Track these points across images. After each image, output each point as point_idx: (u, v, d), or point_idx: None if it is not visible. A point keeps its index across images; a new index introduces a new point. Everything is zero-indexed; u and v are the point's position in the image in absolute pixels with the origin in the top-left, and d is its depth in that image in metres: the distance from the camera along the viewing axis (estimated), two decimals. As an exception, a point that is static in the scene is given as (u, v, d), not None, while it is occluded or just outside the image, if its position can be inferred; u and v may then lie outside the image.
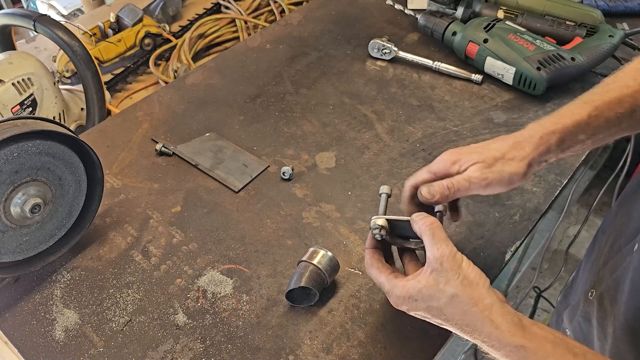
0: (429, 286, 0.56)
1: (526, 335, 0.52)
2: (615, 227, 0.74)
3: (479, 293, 0.54)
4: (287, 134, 0.99)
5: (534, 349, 0.51)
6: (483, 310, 0.53)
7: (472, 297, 0.54)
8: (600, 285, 0.68)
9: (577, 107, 0.64)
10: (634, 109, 0.63)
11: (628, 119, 0.64)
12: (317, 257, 0.72)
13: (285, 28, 1.25)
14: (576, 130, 0.64)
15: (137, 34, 1.34)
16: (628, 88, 0.64)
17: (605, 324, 0.65)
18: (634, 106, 0.63)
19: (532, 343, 0.51)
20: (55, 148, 0.70)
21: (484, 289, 0.55)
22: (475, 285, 0.55)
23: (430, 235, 0.58)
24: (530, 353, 0.51)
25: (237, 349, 0.69)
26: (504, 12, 1.16)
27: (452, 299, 0.55)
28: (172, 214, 0.85)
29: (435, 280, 0.56)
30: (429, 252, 0.57)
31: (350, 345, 0.69)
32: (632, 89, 0.63)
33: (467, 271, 0.56)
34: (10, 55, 1.05)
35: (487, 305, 0.54)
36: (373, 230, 0.64)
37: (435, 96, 1.06)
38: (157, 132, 0.99)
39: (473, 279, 0.55)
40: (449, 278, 0.55)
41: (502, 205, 0.85)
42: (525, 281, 2.00)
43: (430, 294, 0.56)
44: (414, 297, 0.57)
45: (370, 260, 0.64)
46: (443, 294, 0.55)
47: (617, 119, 0.63)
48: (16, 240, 0.71)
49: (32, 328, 0.71)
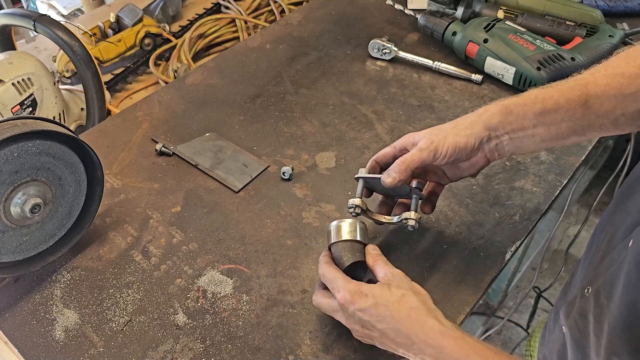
0: (382, 287, 0.62)
1: (445, 337, 0.57)
2: (613, 223, 0.74)
3: (426, 297, 0.62)
4: (287, 134, 0.99)
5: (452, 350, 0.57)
6: (429, 309, 0.60)
7: (419, 298, 0.61)
8: (597, 281, 0.68)
9: (527, 92, 0.67)
10: (585, 99, 0.63)
11: (581, 107, 0.63)
12: (342, 232, 0.69)
13: (285, 28, 1.25)
14: (523, 106, 0.65)
15: (137, 34, 1.34)
16: (582, 79, 0.65)
17: (601, 319, 0.66)
18: (585, 95, 0.63)
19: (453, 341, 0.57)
20: (55, 148, 0.70)
21: (430, 301, 0.61)
22: (424, 294, 0.62)
23: (382, 264, 0.65)
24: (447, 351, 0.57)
25: (237, 349, 0.69)
26: (504, 12, 1.16)
27: (402, 297, 0.60)
28: (172, 214, 0.85)
29: (388, 285, 0.62)
30: (380, 274, 0.64)
31: (350, 345, 0.69)
32: (585, 80, 0.64)
33: (416, 285, 0.63)
34: (10, 55, 1.05)
35: (433, 308, 0.61)
36: (349, 208, 0.72)
37: (435, 96, 1.06)
38: (157, 132, 0.99)
39: (421, 290, 0.62)
40: (399, 284, 0.62)
41: (502, 205, 0.85)
42: (525, 281, 2.00)
43: (381, 292, 0.61)
44: (365, 293, 0.61)
45: (327, 259, 0.67)
46: (393, 294, 0.60)
47: (570, 108, 0.64)
48: (16, 240, 0.71)
49: (32, 328, 0.71)
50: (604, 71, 0.64)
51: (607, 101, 0.63)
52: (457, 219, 0.83)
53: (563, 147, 0.94)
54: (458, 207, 0.85)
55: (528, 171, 0.90)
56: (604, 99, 0.63)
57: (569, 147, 0.94)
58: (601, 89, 0.63)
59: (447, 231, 0.82)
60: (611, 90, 0.62)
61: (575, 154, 0.93)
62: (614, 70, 0.63)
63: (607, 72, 0.64)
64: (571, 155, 0.93)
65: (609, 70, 0.64)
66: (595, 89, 0.63)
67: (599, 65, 0.66)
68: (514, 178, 0.89)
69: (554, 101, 0.64)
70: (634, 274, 0.59)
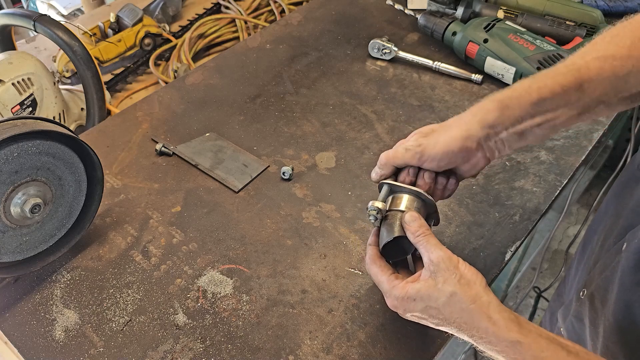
0: (428, 286, 0.58)
1: (522, 331, 0.53)
2: (605, 226, 0.74)
3: (476, 291, 0.56)
4: (287, 134, 0.99)
5: (529, 343, 0.52)
6: (481, 307, 0.55)
7: (469, 295, 0.56)
8: (591, 284, 0.68)
9: (519, 82, 0.65)
10: (579, 83, 0.62)
11: (576, 92, 0.62)
12: (401, 202, 0.65)
13: (285, 28, 1.25)
14: (519, 98, 0.63)
15: (137, 34, 1.34)
16: (573, 64, 0.63)
17: (597, 323, 0.66)
18: (579, 80, 0.62)
19: (527, 338, 0.52)
20: (55, 148, 0.70)
21: (480, 288, 0.56)
22: (473, 283, 0.56)
23: (424, 242, 0.60)
24: (526, 348, 0.52)
25: (237, 349, 0.69)
26: (504, 12, 1.16)
27: (451, 297, 0.56)
28: (172, 214, 0.85)
29: (434, 281, 0.57)
30: (424, 257, 0.59)
31: (350, 345, 0.69)
32: (577, 65, 0.62)
33: (464, 271, 0.57)
34: (10, 55, 1.05)
35: (485, 302, 0.55)
36: (370, 211, 0.64)
37: (435, 96, 1.06)
38: (157, 132, 0.99)
39: (470, 278, 0.57)
40: (446, 277, 0.57)
41: (502, 205, 0.85)
42: (525, 281, 2.00)
43: (428, 294, 0.57)
44: (412, 297, 0.58)
45: (373, 257, 0.65)
46: (441, 293, 0.57)
47: (564, 94, 0.62)
48: (16, 240, 0.71)
49: (32, 328, 0.71)
50: (595, 54, 0.62)
51: (600, 85, 0.62)
52: (457, 219, 0.83)
53: (563, 147, 0.94)
54: (458, 207, 0.85)
55: (528, 171, 0.90)
56: (598, 83, 0.61)
57: (569, 147, 0.94)
58: (594, 72, 0.61)
59: (447, 231, 0.82)
60: (604, 74, 0.61)
61: (575, 154, 0.93)
62: (604, 52, 0.62)
63: (598, 54, 0.62)
64: (571, 155, 0.93)
65: (600, 52, 0.62)
66: (589, 72, 0.62)
67: (585, 48, 0.64)
68: (514, 178, 0.89)
69: (549, 89, 0.62)
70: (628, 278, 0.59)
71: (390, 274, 0.62)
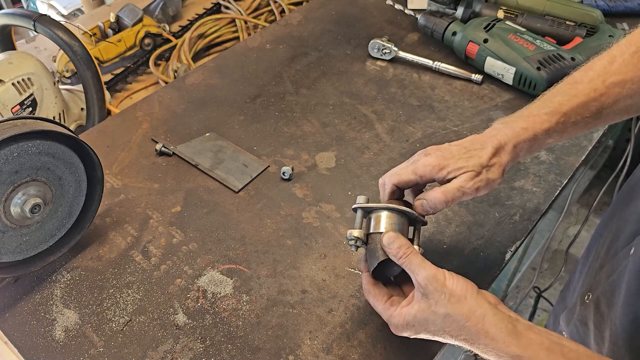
0: (422, 310, 0.57)
1: (521, 344, 0.53)
2: (612, 230, 0.74)
3: (468, 307, 0.55)
4: (287, 134, 0.99)
5: (529, 357, 0.52)
6: (477, 324, 0.54)
7: (462, 313, 0.55)
8: (597, 288, 0.68)
9: (547, 114, 0.66)
10: (599, 110, 0.65)
11: (594, 119, 0.66)
12: (380, 221, 0.65)
13: (285, 28, 1.25)
14: (544, 137, 0.66)
15: (137, 34, 1.34)
16: (595, 92, 0.64)
17: (602, 327, 0.65)
18: (599, 109, 0.65)
19: (527, 352, 0.52)
20: (55, 148, 0.70)
21: (472, 301, 0.56)
22: (464, 298, 0.56)
23: (407, 264, 0.59)
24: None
25: (237, 349, 0.69)
26: (504, 12, 1.16)
27: (445, 318, 0.56)
28: (172, 214, 0.85)
29: (427, 303, 0.57)
30: (412, 278, 0.59)
31: (350, 345, 0.69)
32: (599, 92, 0.64)
33: (452, 288, 0.56)
34: (10, 55, 1.05)
35: (480, 317, 0.54)
36: (349, 241, 0.64)
37: (435, 96, 1.06)
38: (157, 132, 0.99)
39: (460, 293, 0.56)
40: (437, 299, 0.56)
41: (502, 205, 0.85)
42: (525, 281, 2.00)
43: (425, 318, 0.57)
44: (411, 323, 0.58)
45: (367, 287, 0.65)
46: (437, 315, 0.56)
47: (584, 121, 0.66)
48: (16, 240, 0.71)
49: (32, 328, 0.71)
50: (615, 77, 0.64)
51: (618, 111, 0.65)
52: (457, 219, 0.83)
53: (563, 147, 0.94)
54: (458, 207, 0.85)
55: (528, 171, 0.90)
56: (616, 110, 0.65)
57: (569, 147, 0.94)
58: (613, 99, 0.64)
59: (447, 231, 0.82)
60: (622, 101, 0.64)
61: (575, 154, 0.93)
62: (624, 76, 0.64)
63: (618, 78, 0.64)
64: (571, 155, 0.93)
65: (620, 75, 0.64)
66: (608, 99, 0.64)
67: (607, 68, 0.65)
68: (514, 178, 0.89)
69: (572, 121, 0.65)
70: (635, 282, 0.59)
71: (386, 302, 0.62)
